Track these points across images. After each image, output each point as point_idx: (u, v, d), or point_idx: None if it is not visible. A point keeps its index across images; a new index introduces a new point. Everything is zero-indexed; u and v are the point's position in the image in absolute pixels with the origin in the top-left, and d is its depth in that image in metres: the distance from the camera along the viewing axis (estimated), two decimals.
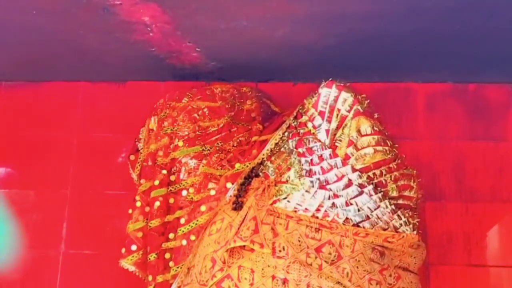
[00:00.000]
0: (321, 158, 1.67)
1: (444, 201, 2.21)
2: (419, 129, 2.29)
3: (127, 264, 1.82)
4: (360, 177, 1.64)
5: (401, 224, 1.66)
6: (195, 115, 1.93)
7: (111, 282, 2.20)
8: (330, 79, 1.71)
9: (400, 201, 1.67)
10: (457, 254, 2.16)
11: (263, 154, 1.79)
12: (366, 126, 1.65)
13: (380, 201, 1.63)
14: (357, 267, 1.57)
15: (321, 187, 1.65)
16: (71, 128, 2.42)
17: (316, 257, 1.56)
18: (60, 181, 2.36)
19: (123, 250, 1.84)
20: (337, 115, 1.68)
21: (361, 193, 1.63)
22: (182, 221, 1.80)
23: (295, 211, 1.64)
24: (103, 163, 2.35)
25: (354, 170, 1.64)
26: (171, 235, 1.81)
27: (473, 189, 2.21)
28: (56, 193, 2.35)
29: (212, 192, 1.79)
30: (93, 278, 2.24)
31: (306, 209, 1.63)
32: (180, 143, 1.89)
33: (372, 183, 1.64)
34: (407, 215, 1.68)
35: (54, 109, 2.44)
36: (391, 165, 1.66)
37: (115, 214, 2.24)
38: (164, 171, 1.88)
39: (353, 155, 1.65)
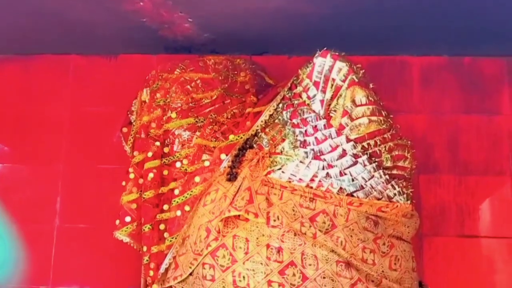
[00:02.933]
0: (315, 128, 1.66)
1: (438, 174, 2.22)
2: (414, 102, 2.28)
3: (122, 235, 1.83)
4: (355, 147, 1.64)
5: (395, 194, 1.67)
6: (188, 86, 1.91)
7: (106, 255, 2.21)
8: (325, 48, 1.69)
9: (394, 171, 1.68)
10: (450, 225, 2.18)
11: (257, 126, 1.78)
12: (361, 96, 1.65)
13: (374, 171, 1.64)
14: (351, 236, 1.58)
15: (316, 157, 1.65)
16: (62, 102, 2.40)
17: (310, 226, 1.57)
18: (52, 155, 2.35)
19: (117, 222, 1.84)
20: (332, 85, 1.67)
21: (355, 163, 1.63)
22: (177, 192, 1.79)
23: (289, 182, 1.64)
24: (95, 137, 2.34)
25: (348, 140, 1.64)
26: (165, 207, 1.81)
27: (467, 161, 2.22)
28: (49, 167, 2.34)
29: (206, 163, 1.78)
30: (88, 252, 2.24)
31: (300, 179, 1.64)
32: (173, 115, 1.88)
33: (367, 153, 1.64)
34: (401, 185, 1.69)
35: (44, 82, 2.42)
36: (385, 135, 1.66)
37: (109, 188, 2.23)
38: (158, 143, 1.87)
39: (347, 125, 1.64)
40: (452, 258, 2.15)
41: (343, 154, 1.63)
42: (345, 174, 1.63)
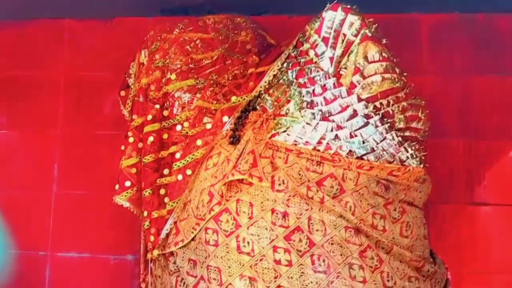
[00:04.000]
0: (324, 88, 1.58)
1: (447, 138, 2.15)
2: (422, 63, 2.19)
3: (122, 200, 1.77)
4: (366, 107, 1.55)
5: (407, 157, 1.59)
6: (187, 47, 1.82)
7: (104, 221, 2.19)
8: (336, 1, 1.59)
9: (407, 133, 1.60)
10: (458, 192, 2.13)
11: (261, 87, 1.69)
12: (374, 52, 1.55)
13: (387, 132, 1.56)
14: (361, 201, 1.52)
15: (324, 118, 1.57)
16: (58, 67, 2.36)
17: (317, 191, 1.51)
18: (49, 121, 2.32)
19: (116, 187, 1.79)
20: (343, 40, 1.57)
21: (366, 124, 1.55)
22: (178, 156, 1.73)
23: (295, 144, 1.57)
24: (92, 102, 2.30)
25: (359, 99, 1.56)
26: (165, 171, 1.75)
27: (478, 126, 2.15)
28: (46, 134, 2.31)
29: (208, 126, 1.72)
30: (86, 218, 2.22)
31: (306, 142, 1.56)
32: (173, 77, 1.80)
33: (379, 114, 1.56)
34: (414, 148, 1.61)
35: (40, 48, 2.37)
36: (399, 95, 1.57)
37: (106, 154, 2.21)
38: (157, 106, 1.79)
39: (359, 84, 1.55)
40: (460, 227, 2.10)
41: (354, 114, 1.55)
42: (355, 136, 1.55)
